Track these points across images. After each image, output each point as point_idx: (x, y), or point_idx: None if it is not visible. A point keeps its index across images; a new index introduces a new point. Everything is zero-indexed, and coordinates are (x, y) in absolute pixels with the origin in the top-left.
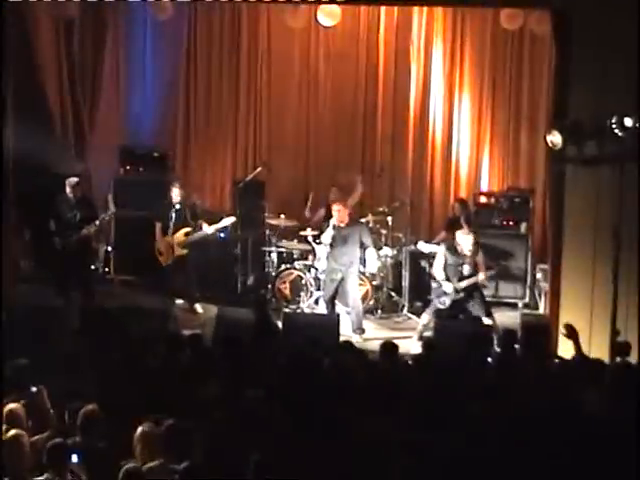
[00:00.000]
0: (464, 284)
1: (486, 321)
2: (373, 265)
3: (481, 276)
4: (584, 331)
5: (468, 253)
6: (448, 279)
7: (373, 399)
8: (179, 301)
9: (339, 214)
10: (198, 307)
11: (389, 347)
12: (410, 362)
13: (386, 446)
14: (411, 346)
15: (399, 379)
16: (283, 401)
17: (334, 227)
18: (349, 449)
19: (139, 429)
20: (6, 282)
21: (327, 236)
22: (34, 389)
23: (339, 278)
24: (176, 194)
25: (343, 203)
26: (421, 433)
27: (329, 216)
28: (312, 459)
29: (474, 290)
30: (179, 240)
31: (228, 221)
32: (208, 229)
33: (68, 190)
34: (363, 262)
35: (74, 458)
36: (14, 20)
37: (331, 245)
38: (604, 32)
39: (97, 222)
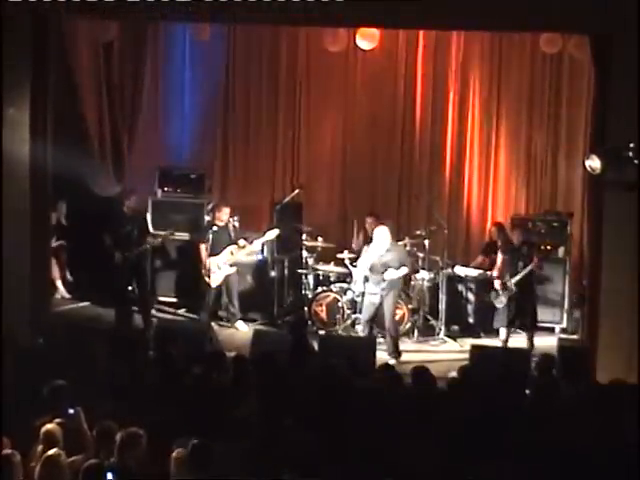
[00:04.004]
0: (518, 277)
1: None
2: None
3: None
4: (622, 356)
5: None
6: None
7: (406, 423)
8: (219, 321)
9: (383, 240)
10: (239, 325)
11: (421, 371)
12: (444, 387)
13: (419, 472)
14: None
15: (430, 404)
16: (317, 424)
17: (376, 253)
18: (382, 473)
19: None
20: (43, 303)
21: (368, 261)
22: (72, 411)
23: (378, 302)
24: (225, 212)
25: (386, 229)
26: (455, 460)
27: (366, 241)
28: None
29: (529, 290)
30: (226, 259)
31: (272, 234)
32: (253, 245)
33: (126, 205)
34: (405, 282)
35: (109, 477)
36: (54, 40)
37: (371, 269)
38: None
39: (158, 239)
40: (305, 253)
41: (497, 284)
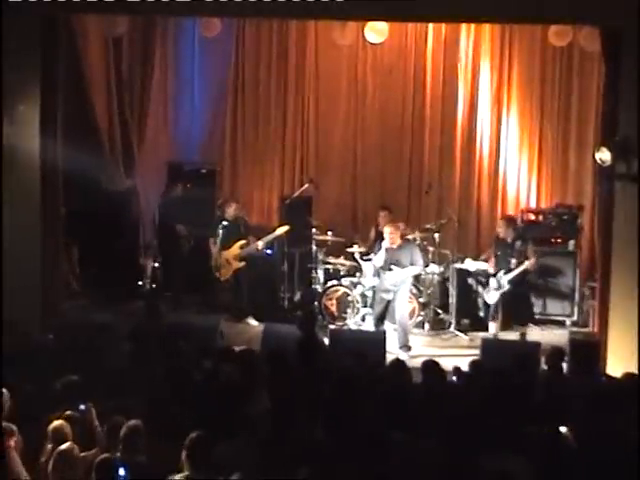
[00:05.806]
0: (512, 275)
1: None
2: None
3: (528, 263)
4: (633, 348)
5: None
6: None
7: (416, 418)
8: (229, 316)
9: (391, 237)
10: (249, 320)
11: (431, 365)
12: (455, 381)
13: (427, 466)
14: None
15: (441, 397)
16: (328, 418)
17: (387, 250)
18: (393, 467)
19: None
20: (54, 298)
21: (380, 259)
22: (83, 407)
23: (390, 298)
24: (234, 208)
25: (395, 226)
26: (464, 454)
27: (378, 236)
28: (355, 477)
29: (523, 287)
30: (235, 253)
31: (281, 230)
32: (261, 241)
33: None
34: (416, 276)
35: (121, 472)
36: (63, 36)
37: (384, 267)
38: None
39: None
40: (315, 247)
41: (491, 280)
